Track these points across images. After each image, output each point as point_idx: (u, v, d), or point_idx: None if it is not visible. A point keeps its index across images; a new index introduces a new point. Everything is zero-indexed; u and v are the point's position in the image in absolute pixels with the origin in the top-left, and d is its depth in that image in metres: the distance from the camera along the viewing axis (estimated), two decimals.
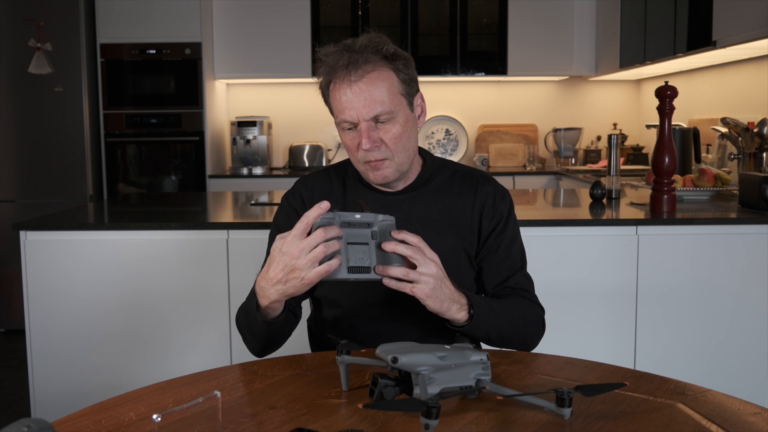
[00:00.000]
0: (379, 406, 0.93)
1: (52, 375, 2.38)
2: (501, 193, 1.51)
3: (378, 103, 1.35)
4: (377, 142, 1.37)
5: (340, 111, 1.37)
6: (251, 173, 4.71)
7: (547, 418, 1.01)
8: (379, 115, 1.35)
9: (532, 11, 4.79)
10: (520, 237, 1.53)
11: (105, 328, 2.38)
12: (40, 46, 4.19)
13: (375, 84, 1.35)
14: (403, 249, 1.18)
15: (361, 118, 1.35)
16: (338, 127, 1.41)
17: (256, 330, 1.33)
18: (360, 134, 1.36)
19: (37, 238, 2.36)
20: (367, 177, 1.44)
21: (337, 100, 1.37)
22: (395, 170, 1.41)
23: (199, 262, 2.37)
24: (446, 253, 1.43)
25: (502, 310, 1.38)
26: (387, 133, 1.37)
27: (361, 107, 1.35)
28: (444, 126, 5.16)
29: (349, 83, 1.34)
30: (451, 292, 1.25)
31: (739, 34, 2.98)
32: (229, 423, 1.01)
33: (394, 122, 1.38)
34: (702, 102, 4.13)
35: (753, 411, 1.04)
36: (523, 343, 1.43)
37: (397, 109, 1.38)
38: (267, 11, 4.75)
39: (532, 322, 1.44)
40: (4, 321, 4.35)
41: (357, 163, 1.42)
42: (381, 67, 1.36)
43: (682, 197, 2.77)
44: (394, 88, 1.38)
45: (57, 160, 4.33)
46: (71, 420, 1.03)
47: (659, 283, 2.36)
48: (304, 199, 1.50)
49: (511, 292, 1.47)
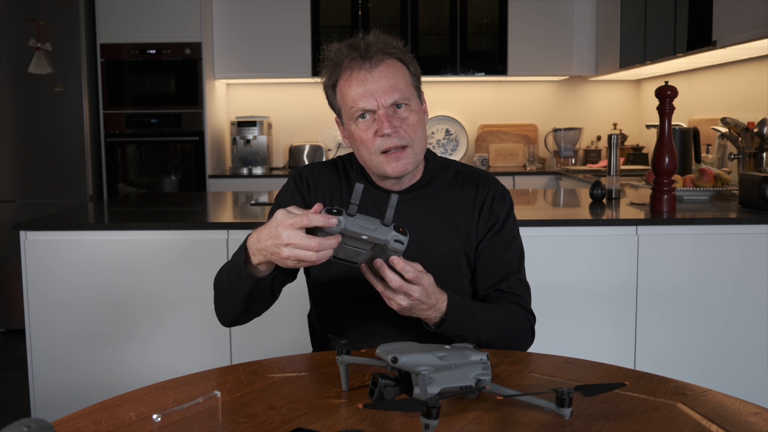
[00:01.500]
0: (379, 406, 0.93)
1: (52, 375, 2.38)
2: (501, 194, 1.49)
3: (396, 89, 1.36)
4: (397, 127, 1.36)
5: (354, 100, 1.36)
6: (251, 173, 4.71)
7: (547, 418, 1.01)
8: (398, 101, 1.36)
9: (532, 11, 4.79)
10: (520, 241, 1.51)
11: (105, 328, 2.38)
12: (40, 46, 4.19)
13: (392, 71, 1.37)
14: (390, 276, 1.19)
15: (381, 104, 1.35)
16: (349, 119, 1.39)
17: (235, 287, 1.32)
18: (378, 121, 1.36)
19: (37, 238, 2.36)
20: (381, 171, 1.39)
21: (351, 90, 1.36)
22: (414, 160, 1.39)
23: (199, 262, 2.37)
24: (446, 255, 1.43)
25: (486, 315, 1.36)
26: (405, 120, 1.37)
27: (380, 93, 1.35)
28: (444, 126, 5.16)
29: (368, 70, 1.35)
30: (428, 307, 1.25)
31: (739, 34, 2.98)
32: (229, 423, 1.01)
33: (410, 110, 1.38)
34: (702, 102, 4.13)
35: (753, 411, 1.04)
36: (507, 349, 1.41)
37: (412, 98, 1.39)
38: (267, 11, 4.75)
39: (518, 330, 1.42)
40: (4, 321, 4.35)
41: (370, 155, 1.39)
42: (395, 59, 1.39)
43: (682, 197, 2.77)
44: (408, 79, 1.40)
45: (57, 160, 4.33)
46: (71, 420, 1.03)
47: (659, 283, 2.36)
48: (310, 185, 1.49)
49: (502, 296, 1.45)
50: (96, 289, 2.37)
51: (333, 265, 1.42)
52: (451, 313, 1.29)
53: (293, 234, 1.15)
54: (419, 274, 1.20)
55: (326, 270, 1.45)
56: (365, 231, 1.13)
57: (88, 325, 2.37)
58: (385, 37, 1.39)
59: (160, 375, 2.23)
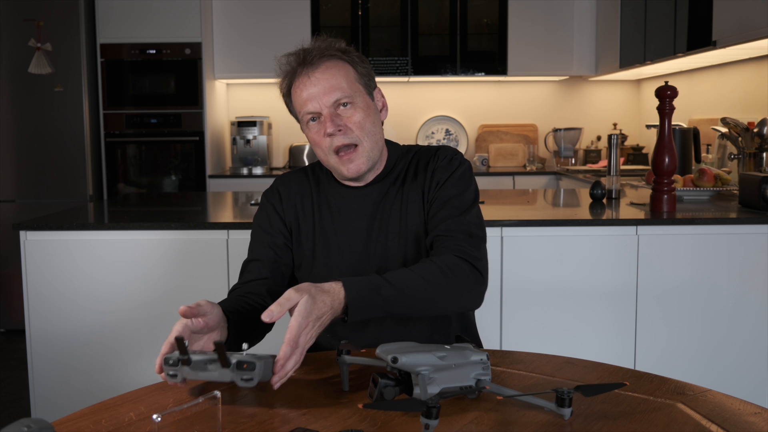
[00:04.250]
0: (379, 406, 0.93)
1: (52, 375, 2.38)
2: (452, 154, 1.47)
3: (336, 88, 1.39)
4: (341, 126, 1.39)
5: (302, 105, 1.41)
6: (251, 173, 4.71)
7: (547, 418, 1.01)
8: (339, 100, 1.39)
9: (532, 11, 4.79)
10: (473, 200, 1.44)
11: (105, 328, 2.38)
12: (40, 46, 4.19)
13: (332, 72, 1.40)
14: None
15: (322, 106, 1.39)
16: (304, 125, 1.44)
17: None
18: (324, 122, 1.39)
19: (37, 238, 2.36)
20: (339, 172, 1.44)
21: (298, 96, 1.42)
22: (366, 158, 1.42)
23: (199, 262, 2.37)
24: (413, 235, 1.44)
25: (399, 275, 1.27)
26: (350, 119, 1.40)
27: (321, 95, 1.39)
28: (444, 126, 5.16)
29: (308, 76, 1.40)
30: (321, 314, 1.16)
31: (739, 34, 2.98)
32: (229, 423, 1.01)
33: (355, 108, 1.41)
34: (702, 102, 4.13)
35: (753, 411, 1.04)
36: (445, 302, 1.31)
37: (357, 96, 1.42)
38: (267, 11, 4.75)
39: (443, 277, 1.29)
40: (4, 321, 4.35)
41: (327, 157, 1.43)
42: (336, 60, 1.42)
43: (682, 197, 2.77)
44: (351, 77, 1.42)
45: (57, 160, 4.33)
46: (71, 420, 1.03)
47: (659, 283, 2.36)
48: (281, 195, 1.52)
49: (437, 243, 1.37)
50: (96, 289, 2.37)
51: (316, 267, 1.45)
52: (353, 295, 1.20)
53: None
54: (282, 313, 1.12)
55: (310, 273, 1.47)
56: (207, 377, 1.08)
57: (89, 325, 2.37)
58: (329, 40, 1.43)
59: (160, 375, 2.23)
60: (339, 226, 1.47)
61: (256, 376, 1.05)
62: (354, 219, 1.47)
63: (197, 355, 1.09)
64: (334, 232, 1.47)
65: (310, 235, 1.48)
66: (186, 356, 1.06)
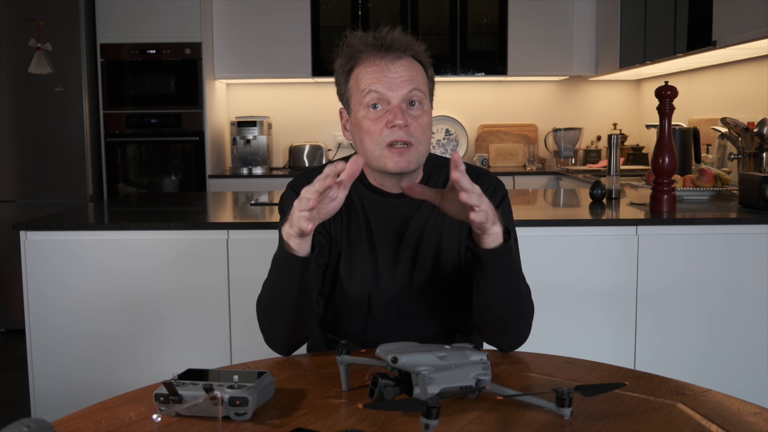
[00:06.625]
0: (379, 406, 0.93)
1: (52, 375, 2.38)
2: (495, 184, 1.48)
3: (414, 86, 1.35)
4: (409, 123, 1.34)
5: (368, 86, 1.35)
6: (251, 173, 4.71)
7: (547, 418, 1.01)
8: (413, 98, 1.36)
9: (532, 11, 4.79)
10: (515, 231, 1.47)
11: (105, 328, 2.38)
12: (40, 46, 4.19)
13: (414, 69, 1.37)
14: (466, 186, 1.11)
15: (396, 96, 1.34)
16: (359, 107, 1.37)
17: (284, 285, 1.26)
18: (392, 111, 1.34)
19: (37, 238, 2.36)
20: (383, 164, 1.37)
21: (368, 76, 1.35)
22: (416, 160, 1.37)
23: (199, 262, 2.37)
24: (448, 256, 1.43)
25: (520, 271, 1.35)
26: (417, 119, 1.36)
27: (398, 84, 1.34)
28: (444, 126, 5.16)
29: (390, 61, 1.35)
30: (495, 216, 1.20)
31: (739, 34, 2.98)
32: (230, 423, 1.01)
33: (423, 110, 1.38)
34: (702, 102, 4.13)
35: (753, 411, 1.04)
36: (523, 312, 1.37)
37: (426, 99, 1.39)
38: (267, 11, 4.75)
39: (529, 302, 1.39)
40: (4, 321, 4.35)
41: (374, 147, 1.36)
42: (418, 58, 1.39)
43: (682, 197, 2.77)
44: (425, 80, 1.40)
45: (57, 160, 4.33)
46: (71, 420, 1.03)
47: (659, 283, 2.36)
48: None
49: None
50: (96, 289, 2.37)
51: (355, 276, 1.43)
52: (512, 237, 1.26)
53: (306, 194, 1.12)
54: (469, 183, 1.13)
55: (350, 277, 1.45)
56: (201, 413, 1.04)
57: (88, 325, 2.37)
58: (410, 37, 1.40)
59: (160, 375, 2.23)
60: (368, 232, 1.44)
61: (249, 410, 1.03)
62: (383, 226, 1.44)
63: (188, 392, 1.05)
64: (361, 237, 1.44)
65: (339, 235, 1.45)
66: (177, 397, 1.04)
